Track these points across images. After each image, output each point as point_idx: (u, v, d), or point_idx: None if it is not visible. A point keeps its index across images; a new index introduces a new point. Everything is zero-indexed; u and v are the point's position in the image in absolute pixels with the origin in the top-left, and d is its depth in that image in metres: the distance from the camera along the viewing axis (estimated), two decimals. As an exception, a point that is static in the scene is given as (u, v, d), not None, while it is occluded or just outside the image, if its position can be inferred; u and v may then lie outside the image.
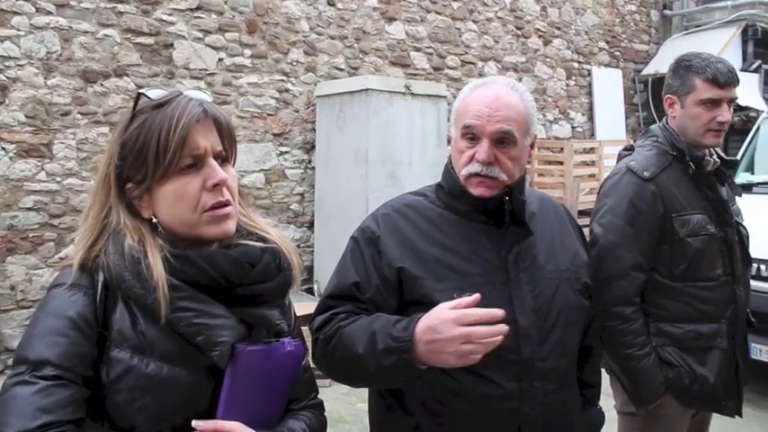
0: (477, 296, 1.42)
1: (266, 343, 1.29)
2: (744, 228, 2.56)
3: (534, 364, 1.61)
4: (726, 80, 2.35)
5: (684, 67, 2.42)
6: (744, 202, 5.72)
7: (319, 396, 1.51)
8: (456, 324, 1.39)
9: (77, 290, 1.24)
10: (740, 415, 2.53)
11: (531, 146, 1.74)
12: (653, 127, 2.58)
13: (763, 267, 4.98)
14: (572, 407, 1.76)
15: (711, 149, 2.47)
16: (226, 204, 1.28)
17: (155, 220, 1.28)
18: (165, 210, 1.27)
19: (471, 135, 1.65)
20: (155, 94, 1.29)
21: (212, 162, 1.27)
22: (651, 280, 2.38)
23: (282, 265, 1.35)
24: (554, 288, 1.69)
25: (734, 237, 2.47)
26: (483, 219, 1.67)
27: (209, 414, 1.25)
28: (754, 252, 5.13)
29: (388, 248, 1.66)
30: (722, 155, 2.50)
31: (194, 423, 1.22)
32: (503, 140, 1.64)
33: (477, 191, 1.65)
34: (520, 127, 1.65)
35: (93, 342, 1.20)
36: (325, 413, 1.50)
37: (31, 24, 5.45)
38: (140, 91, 1.30)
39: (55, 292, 1.25)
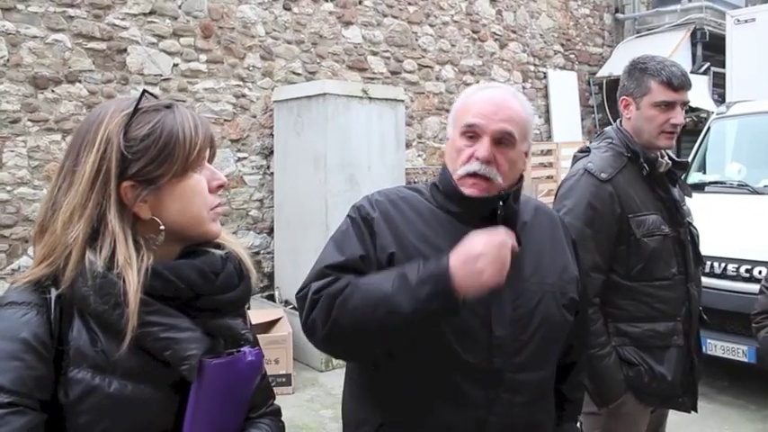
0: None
1: (228, 354, 1.26)
2: (694, 228, 2.62)
3: (504, 375, 1.60)
4: (680, 83, 2.41)
5: (640, 69, 2.47)
6: (696, 202, 5.86)
7: (277, 402, 1.49)
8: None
9: (29, 308, 1.16)
10: (695, 410, 2.59)
11: (526, 154, 1.72)
12: (607, 129, 2.63)
13: (716, 265, 5.10)
14: (545, 422, 1.73)
15: (663, 151, 2.52)
16: (220, 204, 1.31)
17: (161, 222, 1.22)
18: (178, 207, 1.23)
19: (472, 133, 1.64)
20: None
21: (210, 165, 1.29)
22: (609, 280, 2.41)
23: (244, 273, 1.33)
24: (536, 300, 1.65)
25: (686, 236, 2.52)
26: (475, 222, 1.62)
27: (174, 430, 1.21)
28: (708, 250, 5.26)
29: (382, 231, 1.65)
30: (673, 156, 2.55)
31: None
32: (503, 141, 1.63)
33: (469, 191, 1.63)
34: (519, 131, 1.65)
35: (50, 364, 1.14)
36: (290, 420, 1.48)
37: (-23, 29, 5.29)
38: (145, 89, 1.27)
39: (2, 313, 1.16)
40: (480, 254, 1.44)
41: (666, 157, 2.51)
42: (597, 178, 2.39)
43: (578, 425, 1.97)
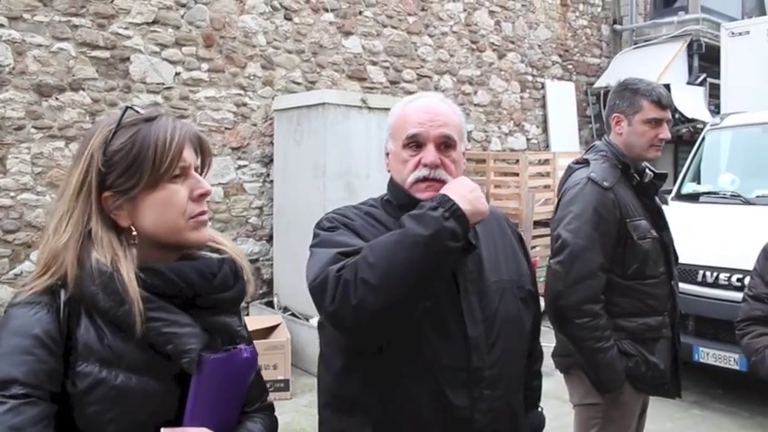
0: None
1: (226, 350, 1.36)
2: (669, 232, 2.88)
3: (484, 373, 1.66)
4: (667, 102, 2.72)
5: (631, 90, 2.74)
6: (690, 212, 5.99)
7: (272, 403, 1.58)
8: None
9: (40, 307, 1.25)
10: (679, 396, 2.87)
11: (464, 153, 1.82)
12: (597, 143, 2.91)
13: (708, 274, 5.18)
14: (519, 412, 1.81)
15: (645, 164, 2.79)
16: (204, 213, 1.37)
17: (134, 230, 1.32)
18: (152, 216, 1.31)
19: (416, 143, 1.72)
20: (142, 110, 1.35)
21: (196, 174, 1.36)
22: (608, 280, 2.62)
23: (239, 275, 1.43)
24: (498, 298, 1.73)
25: (669, 239, 2.78)
26: None
27: (176, 421, 1.30)
28: (700, 259, 5.32)
29: (366, 236, 1.67)
30: (653, 169, 2.81)
31: (163, 431, 1.27)
32: (445, 144, 1.72)
33: (425, 195, 1.67)
34: (456, 132, 1.75)
35: (60, 358, 1.23)
36: (287, 425, 1.56)
37: (-17, 38, 5.37)
38: (128, 105, 1.36)
39: (16, 311, 1.26)
40: (467, 183, 1.58)
41: (647, 170, 2.77)
42: (601, 186, 2.62)
43: (540, 410, 2.06)
